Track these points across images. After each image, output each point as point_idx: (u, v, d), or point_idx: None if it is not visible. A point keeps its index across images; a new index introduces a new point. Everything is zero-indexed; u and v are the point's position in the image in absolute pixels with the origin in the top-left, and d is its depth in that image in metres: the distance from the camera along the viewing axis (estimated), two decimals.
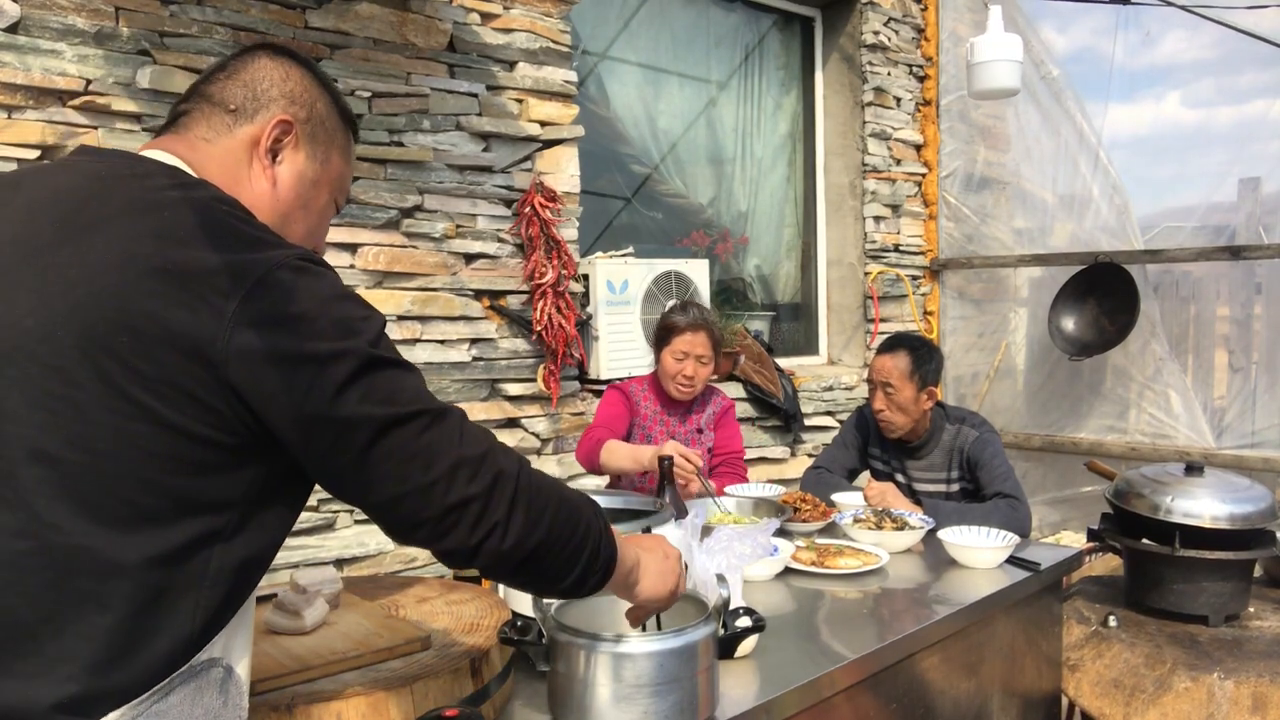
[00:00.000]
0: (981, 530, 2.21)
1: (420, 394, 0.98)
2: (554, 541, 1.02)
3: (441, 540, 0.97)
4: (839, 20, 4.64)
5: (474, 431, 1.00)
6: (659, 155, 4.20)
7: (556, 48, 3.31)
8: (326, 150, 1.14)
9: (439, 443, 0.96)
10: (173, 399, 0.89)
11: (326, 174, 1.15)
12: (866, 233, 4.60)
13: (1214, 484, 2.22)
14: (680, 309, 2.76)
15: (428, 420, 0.96)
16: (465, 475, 0.96)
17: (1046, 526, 4.53)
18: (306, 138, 1.12)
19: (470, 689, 1.28)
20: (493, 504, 0.97)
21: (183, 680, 0.93)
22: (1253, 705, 1.93)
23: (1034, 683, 2.18)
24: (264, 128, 1.09)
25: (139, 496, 0.89)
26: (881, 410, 2.67)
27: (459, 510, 0.95)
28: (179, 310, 0.89)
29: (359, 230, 2.85)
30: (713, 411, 2.84)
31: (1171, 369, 4.25)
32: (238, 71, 1.10)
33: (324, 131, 1.14)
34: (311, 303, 0.95)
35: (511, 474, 0.99)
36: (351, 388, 0.93)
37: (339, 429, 0.93)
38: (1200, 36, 4.40)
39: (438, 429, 0.97)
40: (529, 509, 0.99)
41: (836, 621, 1.79)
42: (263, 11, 2.65)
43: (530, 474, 1.02)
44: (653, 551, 1.24)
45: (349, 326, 0.96)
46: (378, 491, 0.95)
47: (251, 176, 1.08)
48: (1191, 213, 4.37)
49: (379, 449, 0.93)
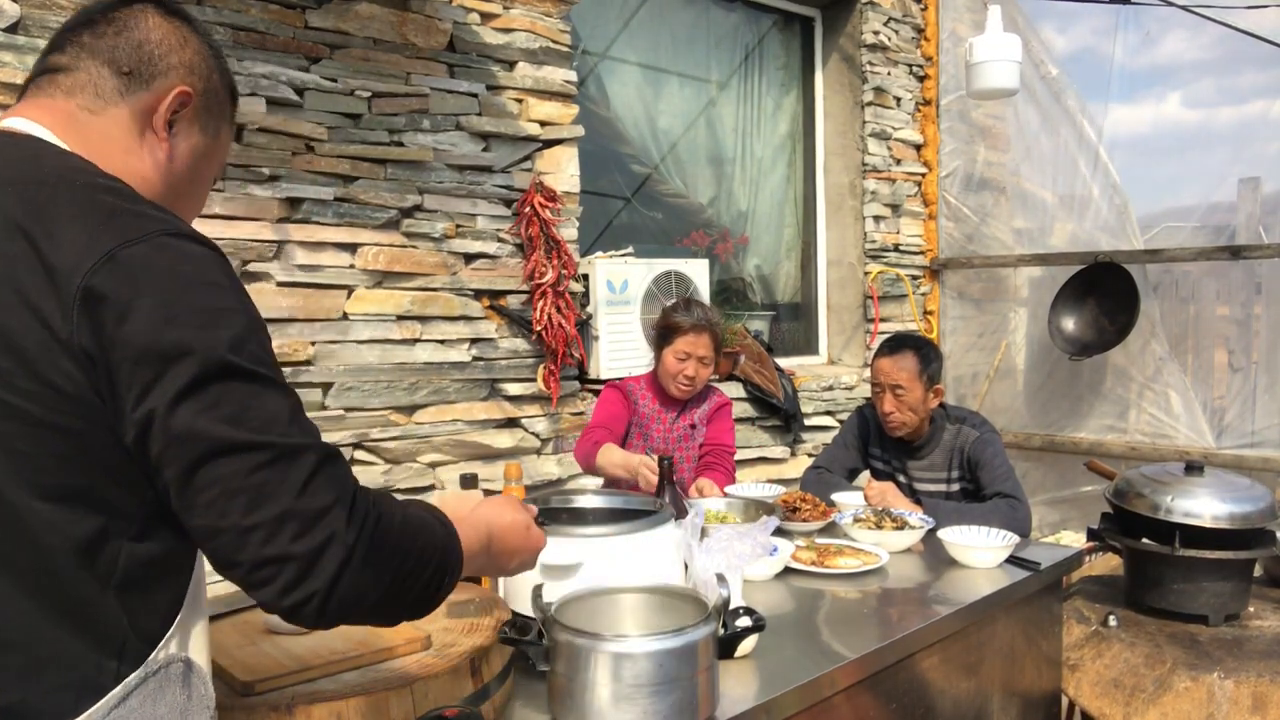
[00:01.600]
0: (981, 530, 2.21)
1: (276, 422, 0.87)
2: (387, 600, 0.93)
3: (251, 590, 0.87)
4: (839, 20, 4.64)
5: (326, 481, 0.88)
6: (659, 155, 4.20)
7: (556, 48, 3.31)
8: (218, 124, 1.08)
9: (273, 485, 0.85)
10: (41, 396, 0.83)
11: (216, 148, 1.09)
12: (866, 232, 4.60)
13: (1214, 484, 2.22)
14: (684, 308, 2.75)
15: (269, 456, 0.85)
16: (292, 530, 0.85)
17: (1046, 526, 4.53)
18: (202, 110, 1.05)
19: (470, 689, 1.28)
20: (315, 570, 0.86)
21: (139, 682, 0.89)
22: (1253, 705, 1.93)
23: (1034, 683, 2.18)
24: (161, 98, 1.00)
25: (36, 492, 0.84)
26: (892, 413, 2.66)
27: (275, 565, 0.85)
28: (29, 299, 0.83)
29: (359, 230, 2.85)
30: (707, 409, 2.84)
31: (1171, 369, 4.25)
32: (128, 28, 0.99)
33: (217, 104, 1.07)
34: (167, 286, 0.85)
35: (346, 540, 0.87)
36: (193, 395, 0.83)
37: (168, 439, 0.83)
38: (1200, 36, 4.40)
39: (278, 469, 0.86)
40: (361, 577, 0.89)
41: (836, 621, 1.79)
42: (263, 11, 2.65)
43: (378, 534, 0.91)
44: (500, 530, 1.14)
45: (207, 319, 0.86)
46: (196, 517, 0.85)
47: (143, 148, 1.00)
48: (1191, 213, 4.37)
49: (204, 474, 0.84)
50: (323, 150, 2.77)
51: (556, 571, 1.48)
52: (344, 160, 2.81)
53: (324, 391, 2.81)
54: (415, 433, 3.00)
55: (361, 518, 0.90)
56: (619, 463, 2.48)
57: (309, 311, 2.77)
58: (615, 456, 2.50)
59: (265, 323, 0.94)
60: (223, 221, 2.60)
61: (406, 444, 2.98)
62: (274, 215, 2.69)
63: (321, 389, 2.81)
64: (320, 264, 2.79)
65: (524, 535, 1.18)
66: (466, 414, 3.11)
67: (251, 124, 2.62)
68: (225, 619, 1.43)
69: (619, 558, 1.49)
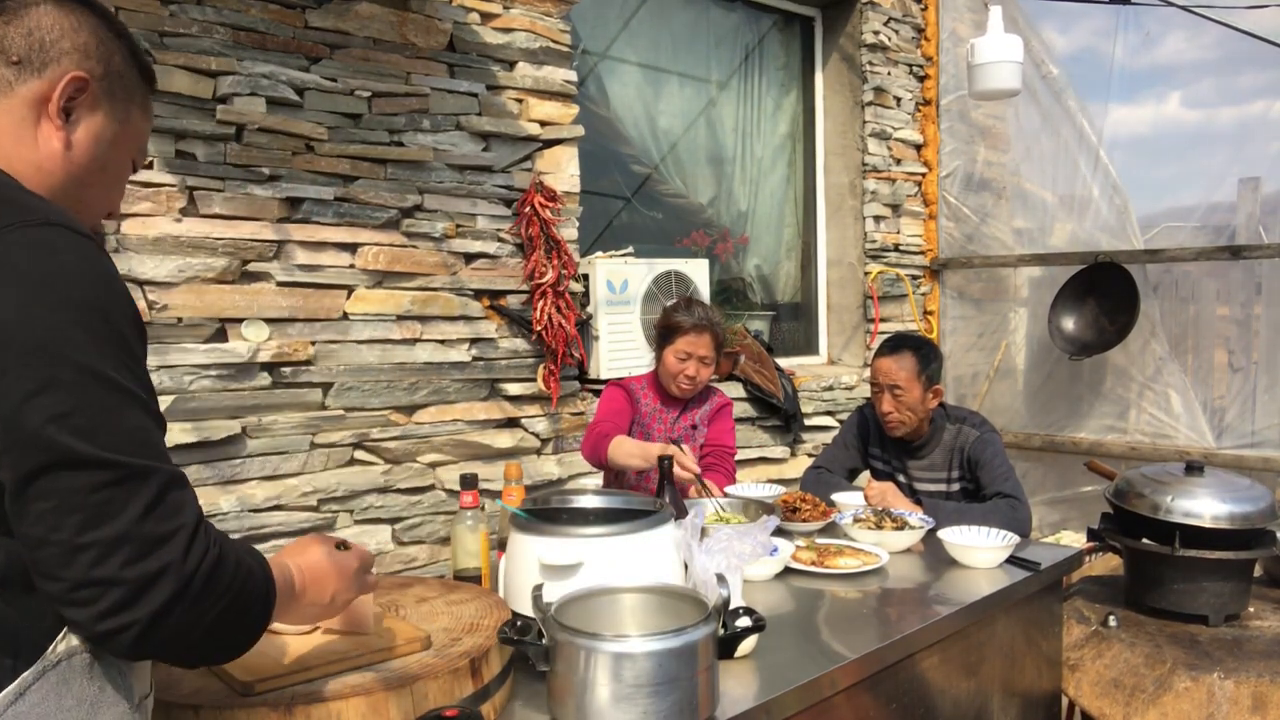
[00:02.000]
0: (981, 530, 2.21)
1: (130, 441, 0.84)
2: (206, 640, 0.90)
3: (66, 608, 0.83)
4: (839, 20, 4.64)
5: (171, 508, 0.85)
6: (659, 155, 4.20)
7: (556, 47, 3.31)
8: (126, 108, 1.04)
9: (114, 507, 0.81)
10: None
11: (126, 133, 1.04)
12: (866, 232, 4.60)
13: (1214, 484, 2.22)
14: (685, 307, 2.74)
15: (115, 476, 0.82)
16: (124, 555, 0.81)
17: (1046, 526, 4.53)
18: (104, 95, 1.01)
19: (470, 689, 1.28)
20: (140, 601, 0.82)
21: (37, 677, 0.86)
22: (1253, 705, 1.93)
23: (1034, 683, 2.18)
24: (54, 85, 0.97)
25: None
26: (890, 413, 2.66)
27: (100, 588, 0.81)
28: None
29: (359, 230, 2.85)
30: (708, 409, 2.84)
31: (1171, 369, 4.25)
32: (19, 15, 0.97)
33: (123, 87, 1.03)
34: (30, 277, 0.82)
35: (182, 572, 0.84)
36: (43, 396, 0.80)
37: (11, 439, 0.80)
38: (1201, 37, 4.40)
39: (122, 490, 0.82)
40: (189, 613, 0.86)
41: (836, 621, 1.79)
42: (263, 11, 2.65)
43: (216, 572, 0.88)
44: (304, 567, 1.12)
45: (73, 317, 0.82)
46: (25, 524, 0.81)
47: (39, 138, 0.97)
48: (1191, 213, 4.37)
49: (43, 484, 0.80)
50: (323, 150, 2.77)
51: (556, 571, 1.48)
52: (344, 160, 2.81)
53: (324, 391, 2.81)
54: (415, 433, 3.00)
55: (202, 551, 0.86)
56: (635, 452, 2.45)
57: (309, 311, 2.77)
58: (630, 446, 2.48)
59: (144, 328, 0.90)
60: (223, 221, 2.60)
61: (406, 444, 2.98)
62: (274, 215, 2.69)
63: (321, 389, 2.81)
64: (320, 264, 2.79)
65: (329, 564, 1.15)
66: (466, 414, 3.11)
67: (251, 124, 2.62)
68: None
69: (619, 558, 1.49)
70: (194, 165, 2.55)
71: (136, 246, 2.47)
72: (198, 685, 1.21)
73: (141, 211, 2.48)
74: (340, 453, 2.85)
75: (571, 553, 1.48)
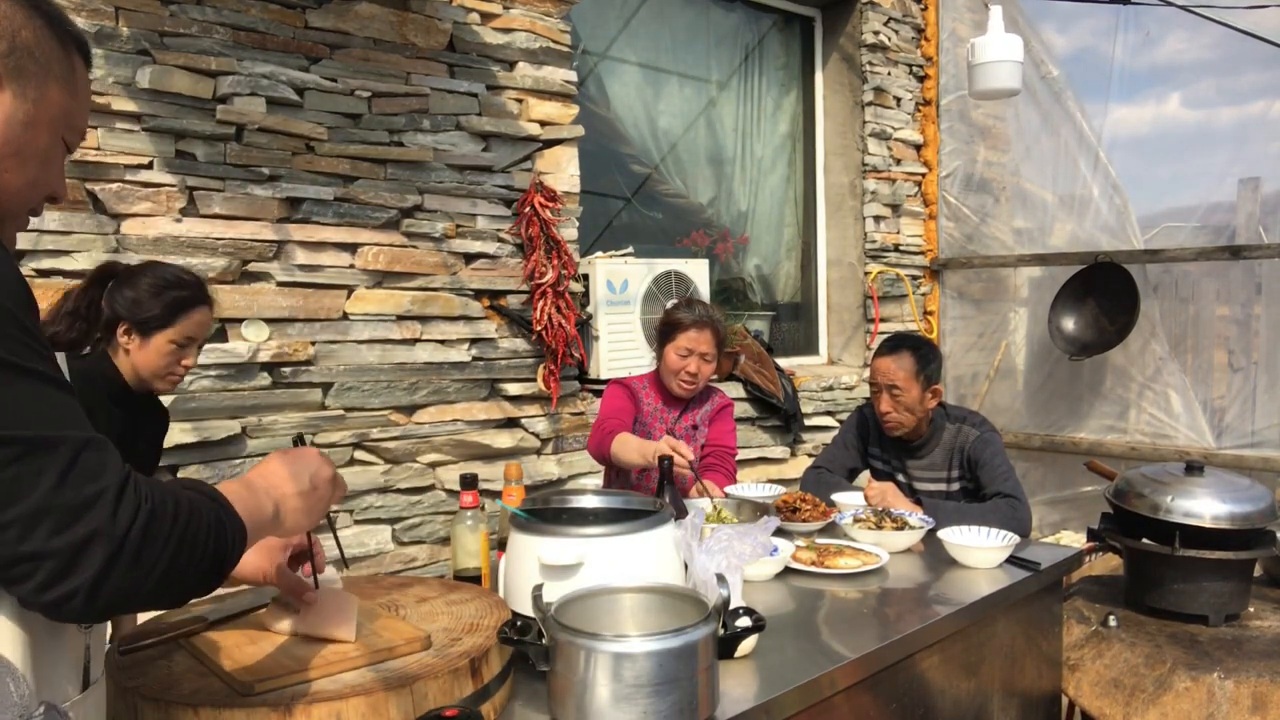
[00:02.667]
0: (981, 530, 2.21)
1: (29, 414, 0.81)
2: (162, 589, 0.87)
3: (7, 586, 0.82)
4: (839, 20, 4.64)
5: (85, 473, 0.83)
6: (659, 155, 4.20)
7: (556, 48, 3.31)
8: (40, 85, 0.96)
9: (24, 483, 0.80)
10: None
11: (43, 112, 0.96)
12: (866, 233, 4.60)
13: (1214, 484, 2.21)
14: (686, 305, 2.76)
15: (18, 451, 0.80)
16: (49, 527, 0.80)
17: (1046, 526, 4.53)
18: (9, 74, 0.93)
19: (470, 689, 1.28)
20: (77, 566, 0.81)
21: None
22: (1253, 705, 1.93)
23: (1034, 683, 2.18)
24: None
25: None
26: (889, 413, 2.66)
27: (30, 563, 0.80)
28: None
29: (359, 230, 2.85)
30: (710, 409, 2.84)
31: (1171, 369, 4.25)
32: None
33: (33, 63, 0.95)
34: None
35: (113, 534, 0.82)
36: None
37: None
38: (1201, 37, 4.40)
39: (31, 463, 0.80)
40: (132, 572, 0.83)
41: (836, 621, 1.79)
42: (263, 11, 2.65)
43: (151, 525, 0.85)
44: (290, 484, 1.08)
45: None
46: None
47: None
48: (1191, 213, 4.37)
49: None
50: (323, 150, 2.77)
51: (556, 571, 1.48)
52: (344, 160, 2.81)
53: (324, 391, 2.81)
54: (415, 433, 3.00)
55: (133, 509, 0.84)
56: (636, 448, 2.47)
57: (309, 311, 2.77)
58: (632, 444, 2.49)
59: (32, 299, 0.87)
60: (223, 221, 2.60)
61: (406, 444, 2.98)
62: (274, 215, 2.69)
63: (321, 389, 2.81)
64: (320, 264, 2.79)
65: (280, 456, 1.10)
66: (466, 414, 3.11)
67: (251, 124, 2.62)
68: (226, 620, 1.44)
69: (619, 558, 1.49)
70: (194, 165, 2.55)
71: (136, 246, 2.47)
72: (198, 685, 1.21)
73: (141, 211, 2.48)
74: (340, 453, 2.85)
75: (571, 553, 1.48)
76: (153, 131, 2.48)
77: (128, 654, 1.33)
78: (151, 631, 1.39)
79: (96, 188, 2.41)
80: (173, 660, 1.31)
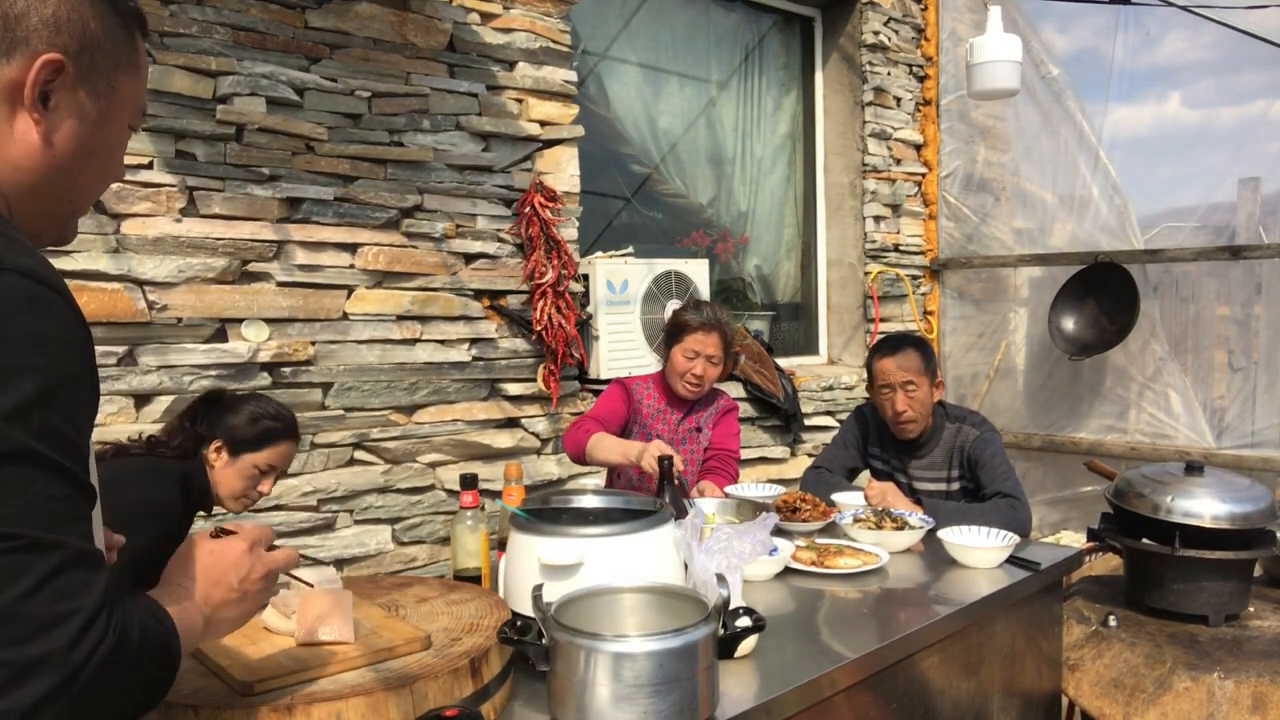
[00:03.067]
0: (981, 530, 2.21)
1: (35, 511, 0.75)
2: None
3: None
4: (839, 20, 4.64)
5: (67, 588, 0.76)
6: (659, 155, 4.20)
7: (556, 48, 3.31)
8: (111, 77, 0.91)
9: (4, 575, 0.74)
10: None
11: (116, 105, 0.93)
12: (866, 233, 4.60)
13: (1214, 484, 2.21)
14: (693, 307, 2.75)
15: (8, 546, 0.74)
16: (6, 633, 0.73)
17: (1046, 526, 4.53)
18: (86, 72, 0.88)
19: (470, 689, 1.28)
20: (19, 686, 0.73)
21: None
22: (1253, 705, 1.93)
23: (1034, 683, 2.18)
24: (25, 72, 0.85)
25: None
26: (905, 412, 2.64)
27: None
28: None
29: (359, 230, 2.85)
30: (714, 411, 2.84)
31: (1171, 369, 4.25)
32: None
33: (104, 57, 0.90)
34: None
35: (67, 662, 0.75)
36: None
37: None
38: (1201, 37, 4.40)
39: (14, 561, 0.74)
40: (75, 703, 0.76)
41: (836, 621, 1.79)
42: (263, 11, 2.65)
43: (111, 661, 0.79)
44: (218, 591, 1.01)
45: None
46: None
47: (14, 133, 0.86)
48: (1191, 213, 4.37)
49: None
50: (323, 150, 2.77)
51: (556, 571, 1.48)
52: (344, 160, 2.81)
53: (324, 391, 2.81)
54: (415, 433, 3.00)
55: (95, 641, 0.77)
56: (614, 448, 2.47)
57: (309, 311, 2.77)
58: (610, 443, 2.50)
59: (88, 387, 0.82)
60: (223, 221, 2.60)
61: (406, 444, 2.98)
62: (274, 215, 2.69)
63: (321, 389, 2.81)
64: (320, 264, 2.79)
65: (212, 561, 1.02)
66: (466, 414, 3.11)
67: (251, 124, 2.62)
68: None
69: (619, 558, 1.49)
70: (194, 165, 2.55)
71: (136, 246, 2.47)
72: (198, 685, 1.21)
73: (141, 211, 2.48)
74: (340, 453, 2.85)
75: (571, 553, 1.48)
76: (153, 131, 2.48)
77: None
78: None
79: None
80: None
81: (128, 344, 2.48)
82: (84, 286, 2.38)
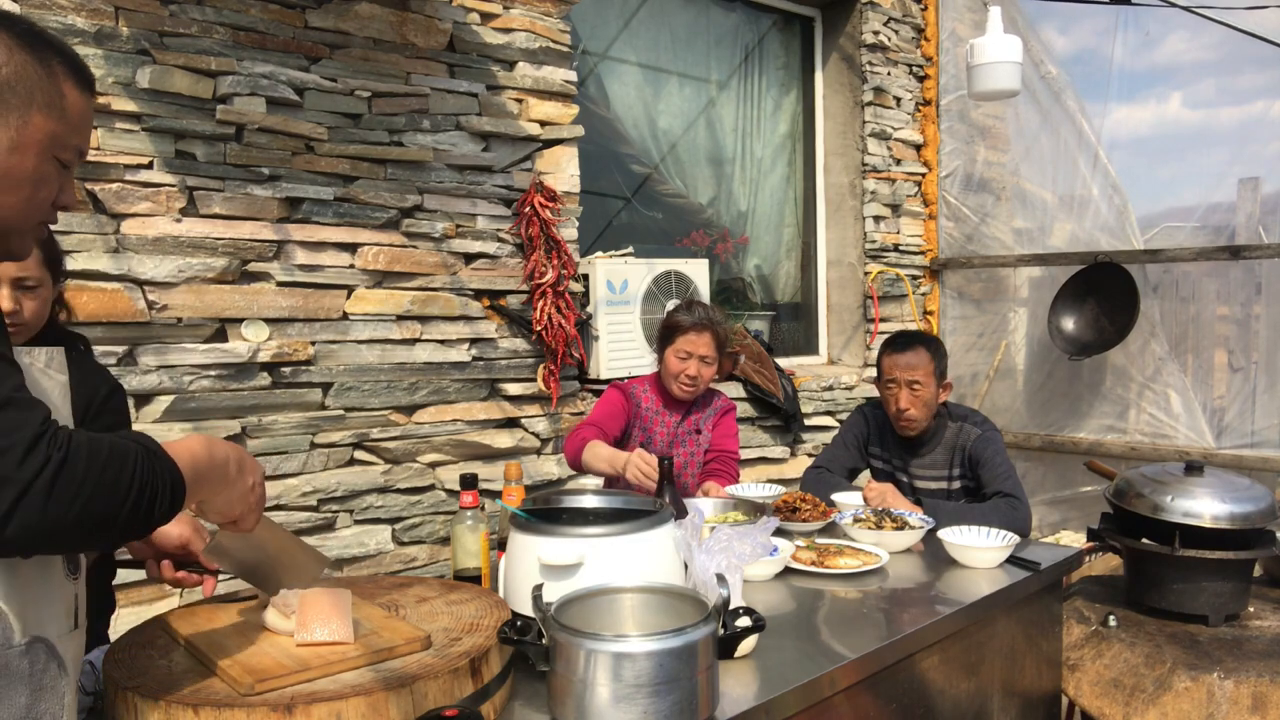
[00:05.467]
0: (981, 530, 2.21)
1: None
2: (86, 528, 0.93)
3: None
4: (839, 20, 4.64)
5: (2, 427, 0.88)
6: (659, 155, 4.20)
7: (556, 48, 3.31)
8: (22, 113, 0.99)
9: None
10: None
11: (27, 137, 1.00)
12: (866, 233, 4.60)
13: (1214, 484, 2.22)
14: (686, 308, 2.75)
15: None
16: None
17: (1046, 526, 4.53)
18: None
19: (470, 689, 1.28)
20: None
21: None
22: (1253, 705, 1.93)
23: (1034, 683, 2.18)
24: None
25: None
26: (908, 409, 2.65)
27: None
28: None
29: (359, 230, 2.85)
30: (712, 412, 2.84)
31: (1171, 369, 4.25)
32: None
33: (12, 94, 0.98)
34: None
35: (19, 479, 0.87)
36: None
37: None
38: (1201, 37, 4.40)
39: None
40: (44, 513, 0.88)
41: (836, 621, 1.79)
42: (263, 11, 2.65)
43: (64, 471, 0.90)
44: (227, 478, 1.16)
45: None
46: None
47: None
48: (1191, 213, 4.37)
49: None
50: (323, 150, 2.77)
51: (556, 571, 1.48)
52: (344, 160, 2.81)
53: (324, 391, 2.81)
54: (415, 433, 3.00)
55: (42, 459, 0.89)
56: (605, 458, 2.47)
57: (309, 311, 2.77)
58: (602, 452, 2.49)
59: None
60: (223, 221, 2.60)
61: (406, 444, 2.98)
62: (274, 215, 2.69)
63: (321, 389, 2.81)
64: (320, 264, 2.79)
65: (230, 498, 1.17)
66: (466, 414, 3.12)
67: (251, 124, 2.62)
68: (220, 611, 1.44)
69: (619, 558, 1.49)
70: (194, 165, 2.55)
71: (136, 246, 2.47)
72: (198, 685, 1.21)
73: (141, 211, 2.48)
74: (340, 453, 2.85)
75: (571, 553, 1.48)
76: (152, 131, 2.48)
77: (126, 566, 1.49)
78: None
79: (96, 188, 2.41)
80: (172, 660, 1.31)
81: (128, 344, 2.48)
82: (84, 286, 2.38)
